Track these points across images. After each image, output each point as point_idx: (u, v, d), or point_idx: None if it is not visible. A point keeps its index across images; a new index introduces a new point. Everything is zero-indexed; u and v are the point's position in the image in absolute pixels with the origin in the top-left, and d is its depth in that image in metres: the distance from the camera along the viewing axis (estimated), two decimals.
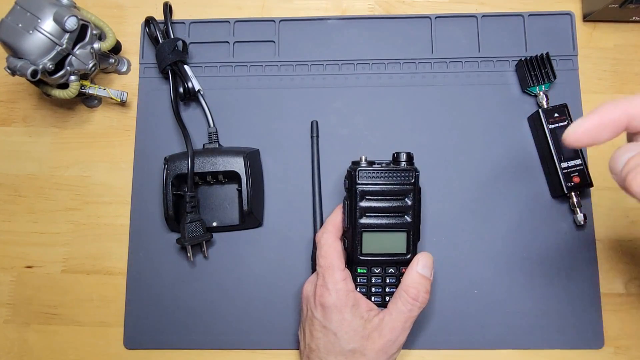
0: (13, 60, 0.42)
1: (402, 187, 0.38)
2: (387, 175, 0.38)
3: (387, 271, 0.39)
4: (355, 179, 0.38)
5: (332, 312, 0.38)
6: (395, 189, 0.38)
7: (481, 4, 0.51)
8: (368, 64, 0.50)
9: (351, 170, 0.38)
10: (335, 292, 0.38)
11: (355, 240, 0.39)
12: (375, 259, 0.39)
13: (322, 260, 0.39)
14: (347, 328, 0.37)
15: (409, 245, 0.39)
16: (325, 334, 0.38)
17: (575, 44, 0.50)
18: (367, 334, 0.37)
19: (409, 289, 0.38)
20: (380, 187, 0.38)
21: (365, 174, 0.38)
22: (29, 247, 0.48)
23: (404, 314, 0.38)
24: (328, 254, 0.39)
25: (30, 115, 0.51)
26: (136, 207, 0.48)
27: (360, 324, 0.38)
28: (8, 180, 0.50)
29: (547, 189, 0.47)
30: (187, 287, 0.46)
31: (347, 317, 0.37)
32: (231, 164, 0.45)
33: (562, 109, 0.46)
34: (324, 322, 0.38)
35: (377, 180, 0.38)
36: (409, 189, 0.38)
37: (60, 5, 0.43)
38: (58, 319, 0.47)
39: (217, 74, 0.50)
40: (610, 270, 0.46)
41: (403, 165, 0.38)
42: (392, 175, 0.38)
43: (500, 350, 0.45)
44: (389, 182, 0.38)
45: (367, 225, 0.38)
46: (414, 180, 0.38)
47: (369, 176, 0.38)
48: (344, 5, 0.52)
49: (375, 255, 0.39)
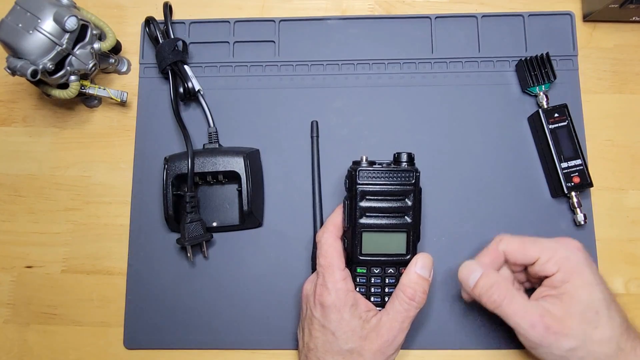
0: (13, 60, 0.42)
1: (403, 187, 0.38)
2: (388, 176, 0.38)
3: (386, 271, 0.39)
4: (356, 179, 0.38)
5: (331, 312, 0.38)
6: (396, 190, 0.38)
7: (481, 4, 0.51)
8: (368, 64, 0.50)
9: (352, 170, 0.38)
10: (334, 291, 0.38)
11: (355, 240, 0.38)
12: (374, 259, 0.39)
13: (322, 259, 0.39)
14: (345, 328, 0.37)
15: (408, 246, 0.39)
16: (323, 333, 0.38)
17: (575, 44, 0.50)
18: (365, 334, 0.37)
19: (406, 289, 0.38)
20: (380, 187, 0.38)
21: (366, 174, 0.38)
22: (29, 247, 0.48)
23: (401, 313, 0.38)
24: (328, 253, 0.39)
25: (30, 115, 0.51)
26: (136, 207, 0.48)
27: (358, 324, 0.38)
28: (8, 180, 0.50)
29: (547, 189, 0.47)
30: (187, 287, 0.46)
31: (346, 317, 0.37)
32: (231, 164, 0.45)
33: (562, 109, 0.46)
34: (323, 321, 0.38)
35: (377, 181, 0.38)
36: (409, 189, 0.38)
37: (60, 5, 0.43)
38: (58, 319, 0.47)
39: (217, 74, 0.50)
40: (610, 270, 0.46)
41: (404, 166, 0.38)
42: (392, 175, 0.38)
43: (501, 350, 0.45)
44: (390, 183, 0.38)
45: (367, 226, 0.38)
46: (415, 180, 0.38)
47: (369, 176, 0.38)
48: (344, 5, 0.52)
49: (374, 256, 0.39)
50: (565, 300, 0.35)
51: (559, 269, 0.36)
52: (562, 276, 0.36)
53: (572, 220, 0.46)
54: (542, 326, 0.35)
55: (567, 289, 0.36)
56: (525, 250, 0.38)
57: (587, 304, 0.35)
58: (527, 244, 0.38)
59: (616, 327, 0.35)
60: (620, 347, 0.34)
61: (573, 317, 0.35)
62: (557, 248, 0.37)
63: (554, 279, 0.37)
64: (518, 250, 0.38)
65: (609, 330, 0.35)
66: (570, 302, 0.35)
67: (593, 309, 0.35)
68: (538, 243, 0.38)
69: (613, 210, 0.47)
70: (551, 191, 0.47)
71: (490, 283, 0.37)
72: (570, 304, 0.35)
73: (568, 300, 0.35)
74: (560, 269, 0.36)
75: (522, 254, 0.38)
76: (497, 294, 0.36)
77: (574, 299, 0.35)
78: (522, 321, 0.35)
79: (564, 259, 0.37)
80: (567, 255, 0.37)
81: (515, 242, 0.39)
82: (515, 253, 0.39)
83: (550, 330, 0.34)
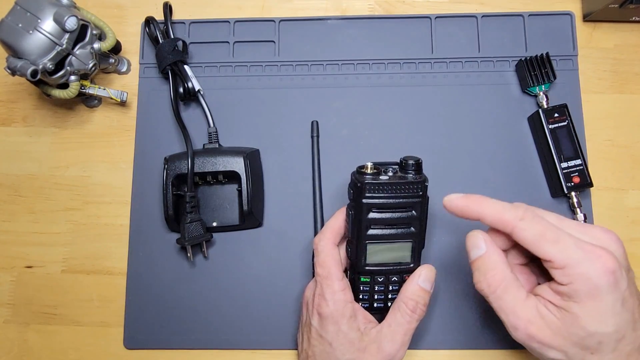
0: (13, 60, 0.42)
1: (411, 200, 0.36)
2: (396, 189, 0.36)
3: (390, 279, 0.39)
4: (363, 192, 0.36)
5: (328, 323, 0.37)
6: (404, 202, 0.36)
7: (481, 4, 0.51)
8: (368, 64, 0.50)
9: (357, 181, 0.36)
10: (332, 302, 0.37)
11: (359, 251, 0.37)
12: (379, 269, 0.38)
13: (320, 269, 0.38)
14: (342, 339, 0.37)
15: (413, 255, 0.38)
16: (321, 343, 0.38)
17: (575, 44, 0.50)
18: (363, 346, 0.37)
19: (408, 301, 0.37)
20: (388, 200, 0.36)
21: (373, 188, 0.35)
22: (29, 247, 0.48)
23: (402, 326, 0.37)
24: (326, 263, 0.38)
25: (30, 115, 0.51)
26: (136, 207, 0.48)
27: (356, 336, 0.37)
28: (8, 180, 0.50)
29: (547, 189, 0.47)
30: (187, 287, 0.46)
31: (344, 329, 0.37)
32: (231, 164, 0.45)
33: (562, 109, 0.46)
34: (320, 331, 0.38)
35: (385, 194, 0.36)
36: (417, 201, 0.36)
37: (60, 5, 0.43)
38: (58, 319, 0.47)
39: (217, 74, 0.50)
40: None
41: (412, 177, 0.36)
42: (400, 188, 0.36)
43: (501, 350, 0.45)
44: (397, 196, 0.36)
45: (373, 237, 0.37)
46: (423, 192, 0.36)
47: (376, 189, 0.36)
48: (344, 5, 0.52)
49: (379, 265, 0.38)
50: (567, 320, 0.30)
51: (571, 284, 0.30)
52: (573, 293, 0.30)
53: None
54: (525, 334, 0.31)
55: (573, 309, 0.30)
56: (540, 245, 0.31)
57: (591, 333, 0.29)
58: (547, 238, 0.31)
59: (622, 356, 0.30)
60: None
61: (568, 339, 0.30)
62: (580, 260, 0.29)
63: (562, 289, 0.30)
64: (533, 243, 0.31)
65: (610, 358, 0.30)
66: (571, 324, 0.30)
67: (597, 339, 0.29)
68: (561, 242, 0.30)
69: (613, 210, 0.47)
70: (551, 191, 0.47)
71: (487, 267, 0.33)
72: (571, 325, 0.30)
73: (570, 321, 0.30)
74: (573, 285, 0.30)
75: (537, 246, 0.31)
76: (490, 282, 0.32)
77: (577, 323, 0.29)
78: (507, 319, 0.32)
79: (581, 277, 0.29)
80: (587, 274, 0.29)
81: (536, 229, 0.31)
82: (529, 243, 0.31)
83: (533, 339, 0.31)
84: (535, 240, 0.31)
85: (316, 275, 0.39)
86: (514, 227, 0.32)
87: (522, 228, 0.31)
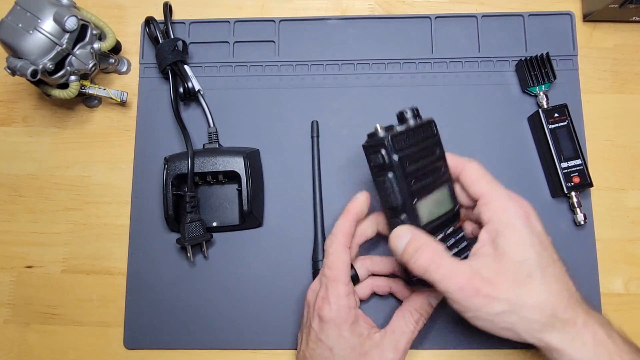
0: (13, 60, 0.42)
1: (431, 140, 0.36)
2: (416, 134, 0.35)
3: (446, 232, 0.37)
4: (393, 147, 0.34)
5: (329, 327, 0.37)
6: (430, 144, 0.36)
7: (481, 4, 0.51)
8: (368, 64, 0.50)
9: (380, 142, 0.34)
10: (336, 307, 0.37)
11: (411, 216, 0.35)
12: (433, 225, 0.36)
13: (328, 270, 0.38)
14: (344, 345, 0.37)
15: (453, 197, 0.37)
16: (319, 346, 0.37)
17: (575, 44, 0.50)
18: (364, 351, 0.37)
19: (414, 312, 0.38)
20: (417, 147, 0.35)
21: (399, 139, 0.34)
22: (29, 247, 0.48)
23: (407, 334, 0.37)
24: (335, 265, 0.38)
25: (30, 115, 0.51)
26: (136, 207, 0.48)
27: (357, 342, 0.37)
28: (8, 180, 0.50)
29: (547, 188, 0.47)
30: (187, 287, 0.46)
31: (345, 335, 0.37)
32: (231, 164, 0.45)
33: (562, 109, 0.46)
34: (320, 334, 0.37)
35: (410, 142, 0.35)
36: (437, 140, 0.37)
37: (60, 5, 0.43)
38: (58, 319, 0.47)
39: (217, 74, 0.50)
40: (610, 270, 0.46)
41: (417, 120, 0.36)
42: (420, 131, 0.35)
43: (501, 350, 0.45)
44: (421, 139, 0.35)
45: (418, 192, 0.35)
46: (437, 130, 0.37)
47: (403, 140, 0.34)
48: (344, 5, 0.52)
49: (432, 222, 0.36)
50: (497, 259, 0.33)
51: (492, 218, 0.34)
52: (495, 227, 0.33)
53: (572, 220, 0.46)
54: (471, 289, 0.31)
55: (499, 245, 0.33)
56: (478, 181, 0.36)
57: (518, 264, 0.32)
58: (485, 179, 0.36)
59: (552, 293, 0.32)
60: (557, 316, 0.32)
61: (503, 278, 0.32)
62: (500, 197, 0.35)
63: (487, 230, 0.34)
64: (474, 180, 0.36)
65: (542, 295, 0.32)
66: (501, 261, 0.32)
67: (525, 270, 0.32)
68: (493, 184, 0.36)
69: (613, 210, 0.47)
70: (551, 191, 0.47)
71: (416, 246, 0.33)
72: (501, 263, 0.32)
73: (499, 259, 0.33)
74: (493, 219, 0.34)
75: (476, 182, 0.36)
76: (424, 258, 0.33)
77: (505, 257, 0.32)
78: (449, 285, 0.32)
79: (500, 209, 0.34)
80: (505, 205, 0.34)
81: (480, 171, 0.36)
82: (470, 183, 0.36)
83: (479, 293, 0.31)
84: (476, 178, 0.36)
85: (322, 276, 0.39)
86: (464, 165, 0.37)
87: (470, 167, 0.37)
